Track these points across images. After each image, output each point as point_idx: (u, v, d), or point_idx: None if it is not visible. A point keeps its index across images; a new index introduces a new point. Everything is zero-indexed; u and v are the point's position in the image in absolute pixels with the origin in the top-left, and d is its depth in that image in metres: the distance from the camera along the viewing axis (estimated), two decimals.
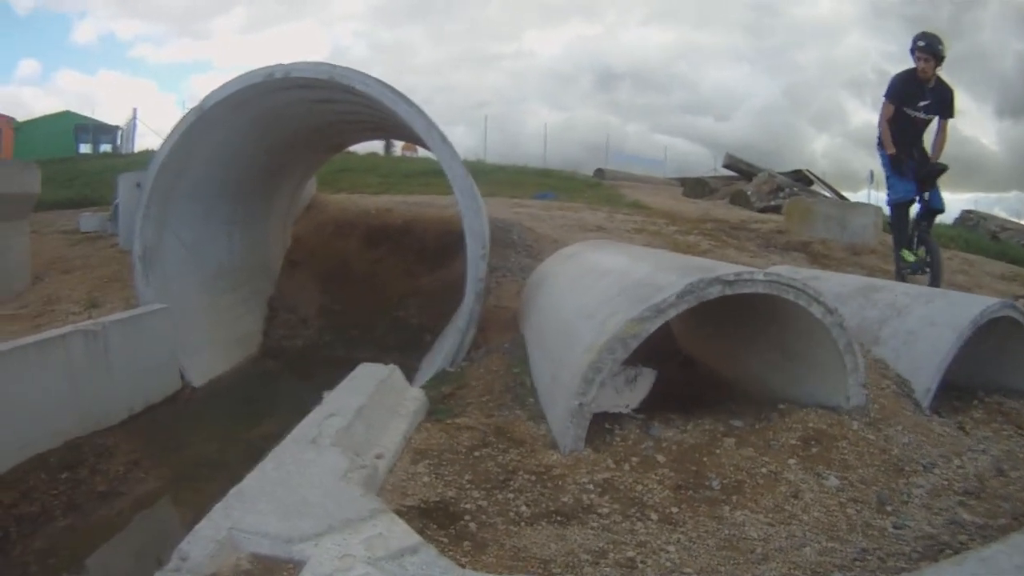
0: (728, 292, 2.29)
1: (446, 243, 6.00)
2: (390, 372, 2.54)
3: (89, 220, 7.81)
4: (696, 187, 15.51)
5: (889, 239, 8.79)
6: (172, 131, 3.95)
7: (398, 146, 33.18)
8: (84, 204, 12.03)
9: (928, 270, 5.75)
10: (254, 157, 4.87)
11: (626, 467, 2.28)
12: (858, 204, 8.75)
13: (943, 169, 5.58)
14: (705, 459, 2.34)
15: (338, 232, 6.56)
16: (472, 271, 3.30)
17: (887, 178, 5.82)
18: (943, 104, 5.57)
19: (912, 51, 5.54)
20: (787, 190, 14.20)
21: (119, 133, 35.44)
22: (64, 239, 7.18)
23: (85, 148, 34.14)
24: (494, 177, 15.31)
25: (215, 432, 3.75)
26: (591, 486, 2.15)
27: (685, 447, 2.42)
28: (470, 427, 2.60)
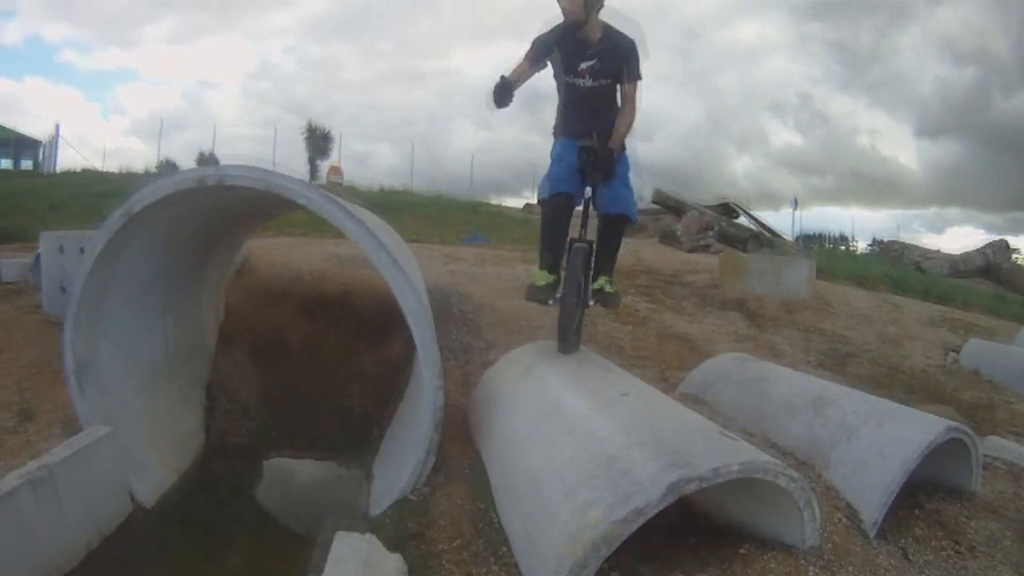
0: (707, 485, 2.39)
1: (384, 318, 5.88)
2: (370, 546, 2.57)
3: (10, 268, 7.52)
4: None
5: (824, 288, 9.23)
6: (97, 235, 3.82)
7: (323, 169, 32.91)
8: (4, 239, 11.67)
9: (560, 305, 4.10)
10: (188, 241, 4.75)
11: None
12: (792, 257, 9.11)
13: (609, 154, 4.02)
14: None
15: (272, 300, 6.40)
16: (429, 400, 3.28)
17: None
18: (620, 60, 4.13)
19: None
20: (715, 229, 14.68)
21: (41, 149, 34.14)
22: None
23: (5, 163, 33.01)
24: (422, 212, 15.43)
25: (181, 569, 3.70)
26: None
27: None
28: None
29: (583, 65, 4.14)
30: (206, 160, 36.70)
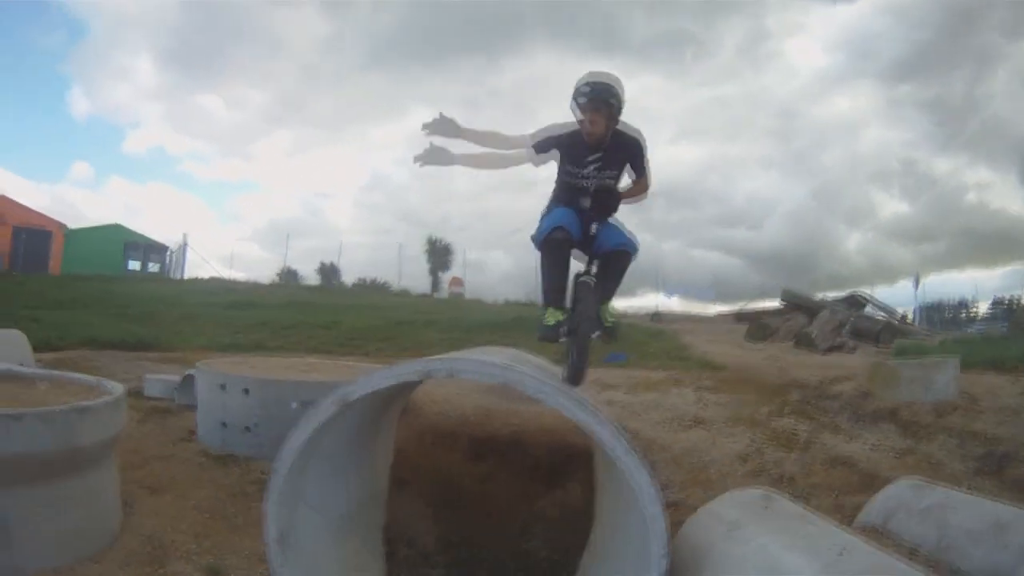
0: None
1: (558, 459, 6.15)
2: None
3: (154, 385, 7.97)
4: (758, 331, 15.91)
5: (967, 382, 9.05)
6: (308, 420, 3.92)
7: (444, 280, 34.36)
8: (140, 347, 12.65)
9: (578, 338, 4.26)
10: (377, 402, 4.96)
11: None
12: (938, 361, 8.96)
13: (606, 189, 4.37)
14: None
15: (439, 442, 6.63)
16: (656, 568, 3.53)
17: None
18: (627, 157, 4.40)
19: (575, 101, 4.24)
20: (847, 325, 14.60)
21: (168, 254, 36.82)
22: (129, 407, 7.04)
23: (134, 265, 35.90)
24: (529, 336, 15.58)
25: None
26: None
27: None
28: None
29: (589, 159, 4.32)
30: (327, 269, 38.79)
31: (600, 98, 4.16)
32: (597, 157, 4.30)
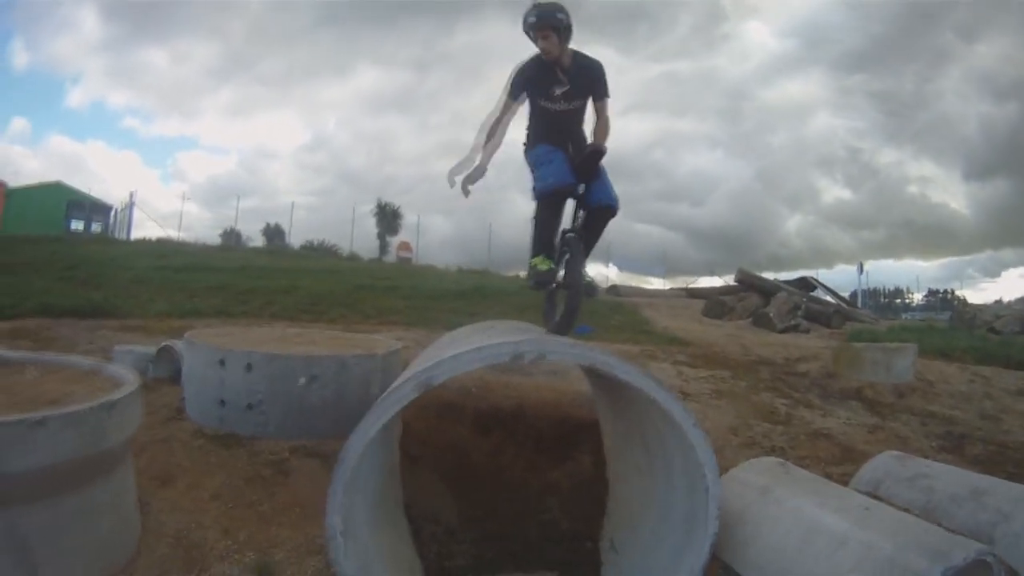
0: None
1: (563, 431, 6.45)
2: None
3: (125, 357, 7.50)
4: (716, 308, 16.68)
5: (927, 370, 9.94)
6: (386, 405, 3.83)
7: (392, 245, 34.40)
8: (96, 315, 12.37)
9: (554, 296, 5.00)
10: None
11: None
12: (899, 347, 9.85)
13: (600, 152, 4.71)
14: None
15: (444, 415, 6.75)
16: (704, 529, 4.03)
17: (534, 172, 4.90)
18: (589, 84, 4.82)
19: (526, 32, 4.68)
20: (802, 308, 15.50)
21: (112, 214, 35.78)
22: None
23: (76, 225, 34.66)
24: (509, 301, 16.01)
25: None
26: None
27: None
28: None
29: (557, 91, 4.76)
30: (271, 231, 38.53)
31: (546, 19, 4.55)
32: (564, 89, 4.74)
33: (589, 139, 4.95)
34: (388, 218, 37.41)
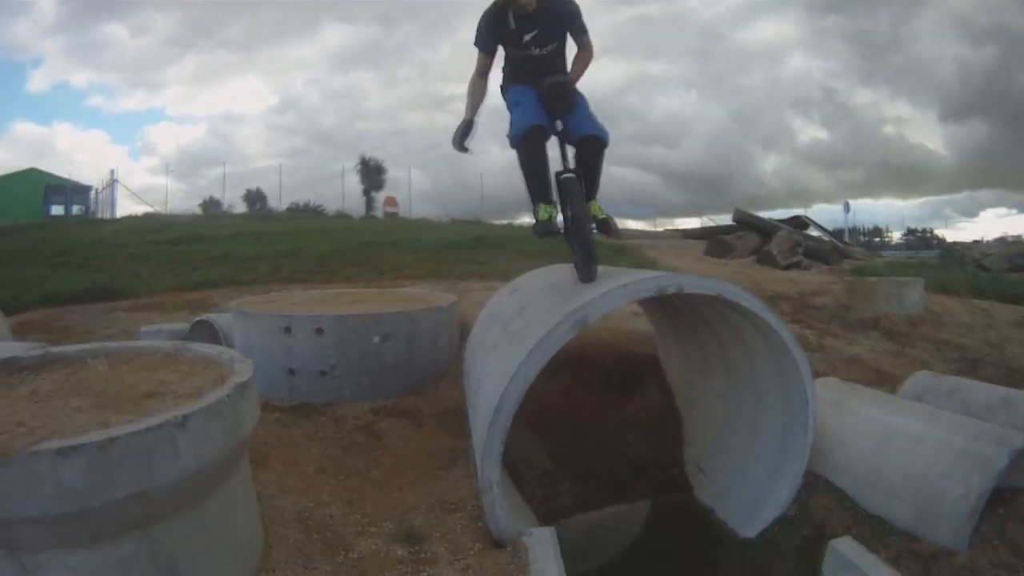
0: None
1: (625, 370, 7.03)
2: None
3: (155, 338, 7.25)
4: (718, 247, 17.46)
5: (931, 303, 10.85)
6: (544, 344, 3.98)
7: (378, 201, 34.67)
8: (104, 297, 12.40)
9: (570, 241, 4.75)
10: None
11: None
12: (910, 280, 10.73)
13: (560, 84, 4.50)
14: None
15: None
16: (802, 436, 4.80)
17: (510, 115, 4.74)
18: (562, 23, 4.61)
19: None
20: (802, 245, 16.39)
21: (92, 194, 35.58)
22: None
23: (57, 210, 34.57)
24: (514, 248, 16.46)
25: None
26: None
27: None
28: None
29: (527, 37, 4.56)
30: (253, 195, 38.60)
31: None
32: (533, 34, 4.56)
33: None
34: (372, 174, 37.57)
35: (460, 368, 6.84)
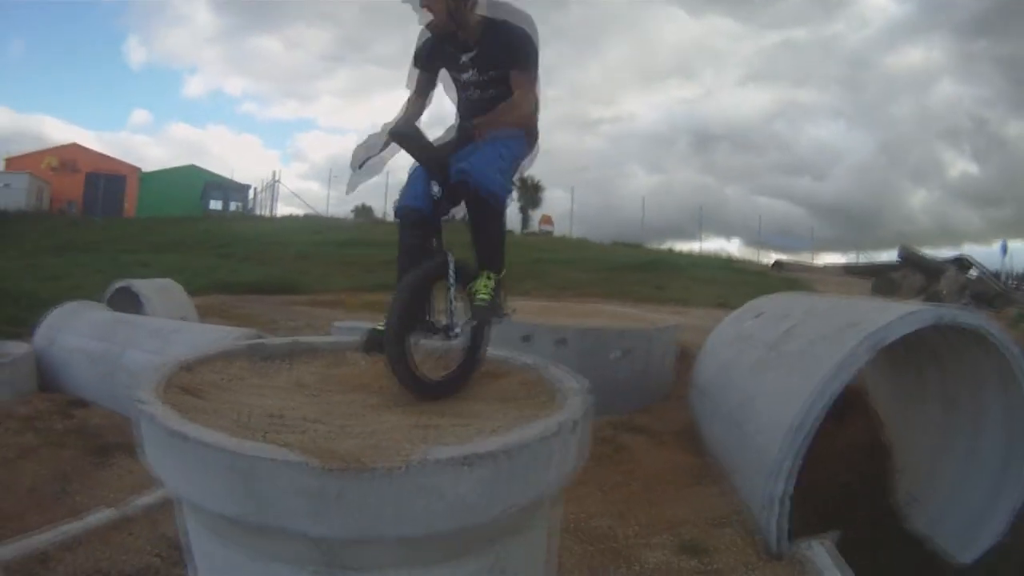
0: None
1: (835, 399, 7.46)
2: None
3: (349, 333, 6.17)
4: (886, 285, 17.71)
5: None
6: (839, 368, 4.26)
7: (534, 219, 35.91)
8: (277, 291, 12.93)
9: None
10: None
11: None
12: None
13: (470, 129, 3.07)
14: None
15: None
16: None
17: None
18: (507, 60, 3.29)
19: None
20: (968, 287, 16.57)
21: (250, 193, 38.06)
22: None
23: (215, 205, 37.61)
24: (692, 274, 16.94)
25: None
26: None
27: None
28: None
29: (463, 77, 3.46)
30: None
31: None
32: (469, 62, 3.41)
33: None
34: (530, 192, 39.02)
35: (683, 389, 6.80)
